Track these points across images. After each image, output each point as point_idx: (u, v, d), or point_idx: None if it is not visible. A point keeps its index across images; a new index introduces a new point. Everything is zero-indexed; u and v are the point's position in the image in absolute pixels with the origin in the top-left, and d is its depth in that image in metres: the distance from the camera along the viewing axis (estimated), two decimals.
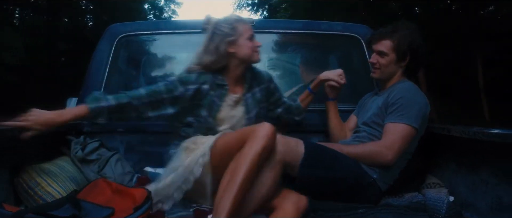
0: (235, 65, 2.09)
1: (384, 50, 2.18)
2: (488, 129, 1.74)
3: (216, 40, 2.03)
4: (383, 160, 2.00)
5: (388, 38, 2.17)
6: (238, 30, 2.05)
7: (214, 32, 2.05)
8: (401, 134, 2.00)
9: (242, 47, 2.06)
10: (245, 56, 2.08)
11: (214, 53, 2.04)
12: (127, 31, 2.72)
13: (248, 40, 2.07)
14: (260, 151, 1.69)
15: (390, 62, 2.19)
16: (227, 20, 2.07)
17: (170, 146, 2.14)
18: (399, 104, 2.05)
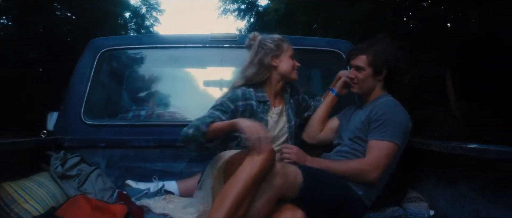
0: (276, 80, 2.22)
1: (361, 65, 2.21)
2: (466, 144, 1.76)
3: (261, 53, 2.17)
4: (368, 179, 2.01)
5: (364, 53, 2.20)
6: (282, 47, 2.21)
7: (260, 47, 2.19)
8: (385, 152, 2.02)
9: (284, 63, 2.20)
10: (285, 72, 2.21)
11: (259, 65, 2.16)
12: (110, 46, 2.72)
13: (290, 58, 2.21)
14: (255, 173, 1.68)
15: (367, 76, 2.21)
16: (272, 37, 2.23)
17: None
18: (382, 121, 2.06)
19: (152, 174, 2.55)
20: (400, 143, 2.05)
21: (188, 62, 2.99)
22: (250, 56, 2.20)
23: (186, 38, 2.81)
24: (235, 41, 2.75)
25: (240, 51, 2.73)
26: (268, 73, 2.18)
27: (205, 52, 2.82)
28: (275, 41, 2.20)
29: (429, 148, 2.05)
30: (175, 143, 2.56)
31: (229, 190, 1.68)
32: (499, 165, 1.62)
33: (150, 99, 2.91)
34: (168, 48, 2.81)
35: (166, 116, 2.87)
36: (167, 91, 3.04)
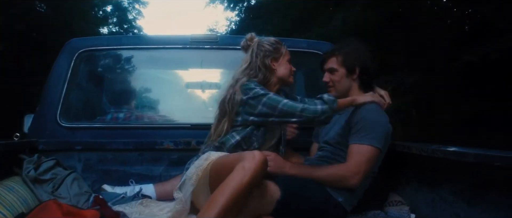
0: (273, 83, 2.19)
1: (333, 67, 2.23)
2: (445, 147, 1.75)
3: (260, 55, 2.15)
4: (349, 184, 2.00)
5: (335, 55, 2.24)
6: (280, 50, 2.20)
7: (259, 48, 2.17)
8: (366, 157, 2.00)
9: (282, 67, 2.19)
10: (283, 75, 2.19)
11: (259, 67, 2.14)
12: (87, 46, 2.66)
13: (288, 62, 2.21)
14: (245, 182, 1.64)
15: (341, 77, 2.23)
16: (269, 40, 2.21)
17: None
18: (362, 125, 2.05)
19: (130, 178, 2.50)
20: (381, 147, 2.03)
21: (168, 64, 2.95)
22: (248, 57, 2.18)
23: (166, 39, 2.77)
24: (216, 42, 2.73)
25: (221, 52, 2.77)
26: (268, 74, 2.16)
27: (186, 54, 2.79)
28: (273, 44, 2.19)
29: (410, 151, 2.04)
30: (154, 146, 2.54)
31: (216, 199, 1.64)
32: (478, 168, 1.61)
33: (129, 101, 2.85)
34: (147, 49, 2.76)
35: (145, 118, 2.83)
36: (146, 93, 3.01)
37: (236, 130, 2.07)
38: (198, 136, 2.55)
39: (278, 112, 1.97)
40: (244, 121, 2.05)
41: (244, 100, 2.02)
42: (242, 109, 2.04)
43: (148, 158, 2.56)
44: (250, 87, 2.03)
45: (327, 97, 1.97)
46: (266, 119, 2.02)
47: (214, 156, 1.91)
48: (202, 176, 1.87)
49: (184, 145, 2.54)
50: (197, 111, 2.84)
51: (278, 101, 1.98)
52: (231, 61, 2.80)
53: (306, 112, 1.93)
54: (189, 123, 2.68)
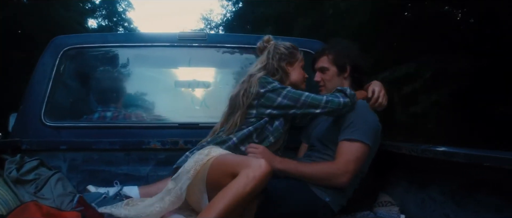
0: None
1: (324, 65, 2.23)
2: (435, 147, 1.73)
3: (276, 58, 2.19)
4: (338, 183, 1.97)
5: (326, 54, 2.24)
6: (296, 55, 2.25)
7: (275, 51, 2.21)
8: (355, 154, 1.97)
9: (296, 72, 2.24)
10: (296, 81, 2.24)
11: (274, 68, 2.18)
12: (73, 44, 2.62)
13: (301, 67, 2.25)
14: (248, 190, 1.63)
15: (332, 75, 2.23)
16: (285, 44, 2.25)
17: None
18: (351, 121, 2.03)
19: (116, 178, 2.45)
20: (370, 143, 2.01)
21: (156, 62, 2.90)
22: (264, 58, 2.21)
23: (154, 37, 2.73)
24: (204, 40, 2.70)
25: (209, 51, 2.75)
26: (283, 77, 2.19)
27: (174, 52, 2.76)
28: (289, 48, 2.23)
29: (400, 151, 2.01)
30: (141, 146, 2.51)
31: (216, 204, 1.62)
32: (468, 168, 1.59)
33: (117, 100, 2.80)
34: (135, 47, 2.73)
35: (133, 117, 2.78)
36: (134, 92, 2.95)
37: (247, 123, 2.08)
38: (186, 135, 2.55)
39: (301, 104, 2.00)
40: (259, 114, 2.07)
41: (261, 92, 2.04)
42: (257, 102, 2.06)
43: (135, 158, 2.52)
44: (268, 81, 2.06)
45: (349, 91, 2.01)
46: (287, 111, 2.05)
47: (215, 153, 1.88)
48: (200, 171, 1.83)
49: (171, 145, 2.51)
50: (185, 110, 2.79)
51: (300, 93, 2.02)
52: (220, 60, 2.86)
53: (330, 104, 1.97)
54: (177, 122, 2.65)
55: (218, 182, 1.76)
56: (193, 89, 2.80)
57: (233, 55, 2.85)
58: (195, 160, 1.88)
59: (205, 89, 2.84)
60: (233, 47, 2.80)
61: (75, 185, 2.41)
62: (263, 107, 2.05)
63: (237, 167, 1.70)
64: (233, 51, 2.83)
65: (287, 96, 2.02)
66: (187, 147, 2.38)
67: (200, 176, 1.84)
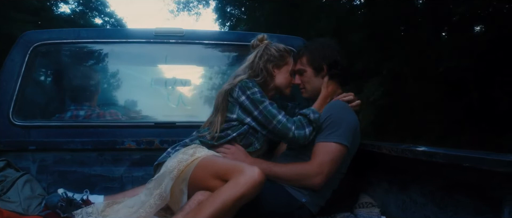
0: (270, 89, 2.19)
1: (301, 67, 2.19)
2: (415, 146, 1.69)
3: (265, 58, 2.15)
4: (311, 183, 1.94)
5: (301, 56, 2.20)
6: (286, 59, 2.21)
7: (265, 51, 2.17)
8: (331, 156, 1.95)
9: (282, 76, 2.20)
10: (280, 84, 2.20)
11: (260, 69, 2.13)
12: (43, 39, 2.52)
13: (289, 73, 2.21)
14: (237, 197, 1.62)
15: (310, 77, 2.18)
16: (278, 46, 2.21)
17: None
18: (329, 123, 2.00)
19: (89, 180, 2.42)
20: (348, 144, 1.98)
21: (131, 59, 2.83)
22: (252, 57, 2.17)
23: (129, 33, 2.66)
24: (181, 36, 2.63)
25: (187, 47, 2.67)
26: (267, 79, 2.15)
27: (150, 48, 2.68)
28: (280, 51, 2.19)
29: (380, 150, 1.98)
30: (115, 146, 2.45)
31: (204, 208, 1.61)
32: (448, 169, 1.56)
33: (91, 98, 2.71)
34: (109, 43, 2.64)
35: (107, 116, 2.69)
36: (109, 89, 2.90)
37: (232, 127, 2.05)
38: (162, 134, 2.50)
39: (272, 128, 1.98)
40: (240, 119, 2.03)
41: (240, 100, 2.01)
42: (238, 107, 2.03)
43: (109, 159, 2.46)
44: (249, 86, 2.02)
45: (313, 116, 1.97)
46: (258, 127, 2.02)
47: (201, 153, 1.87)
48: (184, 171, 1.82)
49: (146, 145, 2.46)
50: (162, 109, 2.74)
51: (274, 115, 1.97)
52: (198, 57, 2.82)
53: (296, 138, 1.95)
54: (153, 121, 2.60)
55: (202, 183, 1.77)
56: (170, 87, 2.75)
57: (212, 52, 2.80)
58: (178, 160, 1.86)
59: (182, 87, 2.78)
60: (212, 44, 2.74)
61: (45, 187, 2.35)
62: (244, 114, 2.03)
63: (228, 172, 1.69)
64: (212, 48, 2.77)
65: (262, 113, 1.98)
66: (163, 147, 2.32)
67: (183, 176, 1.82)
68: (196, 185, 1.80)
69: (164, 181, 1.82)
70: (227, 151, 2.02)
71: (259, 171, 1.66)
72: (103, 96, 2.81)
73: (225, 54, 2.85)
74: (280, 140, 2.05)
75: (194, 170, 1.81)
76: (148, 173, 2.33)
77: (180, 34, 2.64)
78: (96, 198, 2.19)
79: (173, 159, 1.89)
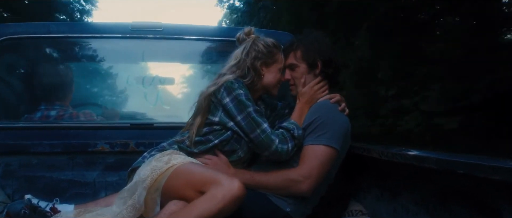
0: (257, 89, 2.07)
1: (293, 62, 2.09)
2: (406, 150, 1.62)
3: (252, 55, 2.03)
4: (299, 190, 1.86)
5: (293, 50, 2.10)
6: (275, 56, 2.08)
7: (252, 47, 2.05)
8: (320, 159, 1.87)
9: (271, 75, 2.07)
10: (269, 85, 2.08)
11: (247, 67, 2.01)
12: (10, 34, 2.43)
13: (279, 71, 2.10)
14: (215, 211, 1.56)
15: (303, 73, 2.08)
16: (266, 41, 2.08)
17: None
18: (317, 124, 1.92)
19: (59, 185, 2.32)
20: (338, 148, 1.90)
21: (107, 55, 2.77)
22: (239, 53, 2.06)
23: (104, 27, 2.57)
24: (160, 31, 2.55)
25: (166, 43, 2.61)
26: (255, 79, 2.03)
27: (126, 44, 2.61)
28: (269, 47, 2.06)
29: (369, 154, 1.91)
30: (87, 148, 2.36)
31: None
32: (441, 175, 1.49)
33: (63, 97, 2.62)
34: (83, 38, 2.57)
35: (81, 117, 2.62)
36: (83, 88, 2.82)
37: (214, 131, 1.95)
38: (138, 136, 2.42)
39: (254, 136, 1.88)
40: (222, 123, 1.93)
41: (224, 102, 1.91)
42: (221, 110, 1.93)
43: (80, 162, 2.37)
44: (234, 87, 1.91)
45: (297, 132, 1.90)
46: (241, 133, 1.93)
47: (176, 160, 1.79)
48: (157, 180, 1.75)
49: (121, 147, 2.37)
50: (139, 109, 2.69)
51: (259, 124, 1.88)
52: (178, 53, 2.75)
53: (279, 152, 1.86)
54: (128, 122, 2.56)
55: (176, 193, 1.71)
56: (148, 86, 2.67)
57: (194, 48, 2.74)
58: (152, 167, 1.79)
59: (161, 86, 2.72)
60: (194, 40, 2.64)
61: (10, 194, 2.26)
62: (226, 117, 1.93)
63: (204, 183, 1.63)
64: (193, 44, 2.70)
65: (246, 119, 1.88)
66: (139, 150, 2.25)
67: (156, 185, 1.75)
68: (170, 196, 1.73)
69: (137, 190, 1.76)
70: (208, 162, 1.93)
71: (239, 184, 1.58)
72: (77, 95, 2.74)
73: (208, 50, 2.77)
74: (259, 151, 1.94)
75: (168, 179, 1.74)
76: (122, 178, 2.25)
77: (159, 29, 2.56)
78: (66, 207, 2.10)
79: (147, 166, 1.82)
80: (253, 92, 2.04)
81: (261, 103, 2.16)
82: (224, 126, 1.94)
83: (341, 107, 2.02)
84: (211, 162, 1.93)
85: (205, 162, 1.93)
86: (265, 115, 2.11)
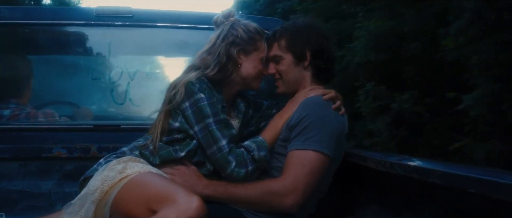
0: (234, 82, 1.92)
1: (278, 54, 1.92)
2: (407, 160, 1.43)
3: (229, 39, 1.87)
4: (283, 206, 1.71)
5: (277, 39, 1.93)
6: (256, 44, 1.92)
7: (229, 31, 1.89)
8: (308, 168, 1.71)
9: (250, 65, 1.91)
10: (247, 76, 1.92)
11: (220, 53, 1.86)
12: None
13: (260, 61, 1.94)
14: None
15: (289, 65, 1.91)
16: (247, 25, 1.93)
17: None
18: (305, 126, 1.74)
19: (8, 196, 2.18)
20: (329, 153, 1.72)
21: (66, 45, 2.61)
22: (214, 37, 1.91)
23: (64, 13, 2.49)
24: (130, 17, 2.40)
25: (137, 31, 2.49)
26: (230, 68, 1.87)
27: (90, 32, 2.49)
28: (250, 32, 1.91)
29: (365, 163, 1.75)
30: (40, 154, 2.22)
31: None
32: (448, 193, 1.29)
33: (19, 94, 2.47)
34: (39, 26, 2.42)
35: (40, 117, 2.46)
36: (42, 83, 2.69)
37: (177, 140, 1.80)
38: (102, 140, 2.29)
39: (209, 153, 1.75)
40: (183, 129, 1.78)
41: (182, 107, 1.77)
42: (181, 115, 1.78)
43: (33, 170, 2.25)
44: (194, 90, 1.76)
45: (257, 154, 1.75)
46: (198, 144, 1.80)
47: (132, 170, 1.67)
48: (108, 192, 1.64)
49: (80, 152, 2.24)
50: (103, 107, 2.60)
51: (216, 140, 1.73)
52: (151, 43, 2.62)
53: (234, 176, 1.73)
54: (91, 123, 2.46)
55: (126, 210, 1.60)
56: (115, 81, 2.53)
57: (168, 37, 2.60)
58: (102, 178, 1.67)
59: (130, 82, 2.54)
60: (169, 27, 2.50)
61: None
62: (187, 124, 1.78)
63: (158, 200, 1.51)
64: (169, 33, 2.56)
65: (204, 131, 1.74)
66: (102, 155, 2.07)
67: (106, 198, 1.64)
68: (119, 212, 1.61)
69: (85, 204, 1.65)
70: (174, 172, 1.79)
71: (197, 204, 1.43)
72: (35, 91, 2.60)
73: (187, 41, 2.60)
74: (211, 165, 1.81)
75: (120, 192, 1.61)
76: None
77: (129, 15, 2.41)
78: None
79: (98, 175, 1.69)
80: (229, 87, 1.92)
81: (241, 101, 2.00)
82: (186, 134, 1.80)
83: (335, 105, 1.83)
84: (178, 172, 1.78)
85: (170, 172, 1.77)
86: (246, 114, 2.00)
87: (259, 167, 1.76)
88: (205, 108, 1.73)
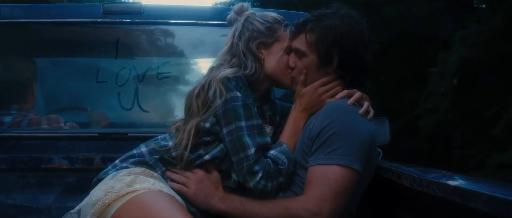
0: (261, 80, 1.85)
1: (302, 48, 1.77)
2: (447, 179, 1.28)
3: (245, 36, 1.82)
4: None
5: (307, 32, 1.78)
6: (276, 33, 1.84)
7: (245, 26, 1.84)
8: (334, 187, 1.60)
9: (272, 58, 1.83)
10: (273, 71, 1.84)
11: (242, 52, 1.80)
12: None
13: (284, 52, 1.84)
14: None
15: (311, 65, 1.77)
16: (264, 16, 1.87)
17: None
18: (328, 136, 1.63)
19: (6, 211, 2.24)
20: (358, 168, 1.61)
21: (72, 45, 2.63)
22: (230, 36, 1.87)
23: (69, 10, 2.52)
24: (139, 14, 2.41)
25: (147, 29, 2.54)
26: (257, 66, 1.81)
27: (97, 30, 2.54)
28: (268, 22, 1.83)
29: (400, 180, 1.60)
30: (40, 165, 2.26)
31: None
32: None
33: (22, 100, 2.50)
34: (42, 25, 2.45)
35: (43, 124, 2.49)
36: (45, 88, 2.75)
37: (203, 143, 1.76)
38: (107, 149, 2.33)
39: (235, 161, 1.70)
40: (213, 131, 1.73)
41: (214, 106, 1.71)
42: (213, 114, 1.72)
43: (33, 183, 2.30)
44: (229, 87, 1.70)
45: (286, 168, 1.70)
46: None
47: (142, 186, 1.65)
48: (110, 205, 1.63)
49: (83, 163, 2.27)
50: (109, 113, 2.57)
51: (244, 147, 1.67)
52: (163, 42, 2.64)
53: (258, 190, 1.68)
54: (95, 130, 2.45)
55: None
56: (123, 84, 2.51)
57: (182, 35, 2.61)
58: (107, 189, 1.66)
59: (139, 85, 2.54)
60: (183, 24, 2.50)
61: None
62: (217, 125, 1.72)
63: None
64: (182, 30, 2.57)
65: (230, 135, 1.67)
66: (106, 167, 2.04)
67: (107, 212, 1.63)
68: None
69: (87, 215, 1.65)
70: (191, 177, 1.73)
71: None
72: (38, 96, 2.65)
73: (203, 38, 2.59)
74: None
75: (122, 207, 1.60)
76: None
77: (138, 11, 2.43)
78: None
79: (103, 184, 1.68)
80: (257, 87, 1.84)
81: (268, 108, 1.91)
82: (216, 136, 1.73)
83: (362, 109, 1.70)
84: (194, 177, 1.73)
85: (187, 176, 1.74)
86: (273, 122, 1.89)
87: (285, 182, 1.71)
88: (238, 109, 1.67)
